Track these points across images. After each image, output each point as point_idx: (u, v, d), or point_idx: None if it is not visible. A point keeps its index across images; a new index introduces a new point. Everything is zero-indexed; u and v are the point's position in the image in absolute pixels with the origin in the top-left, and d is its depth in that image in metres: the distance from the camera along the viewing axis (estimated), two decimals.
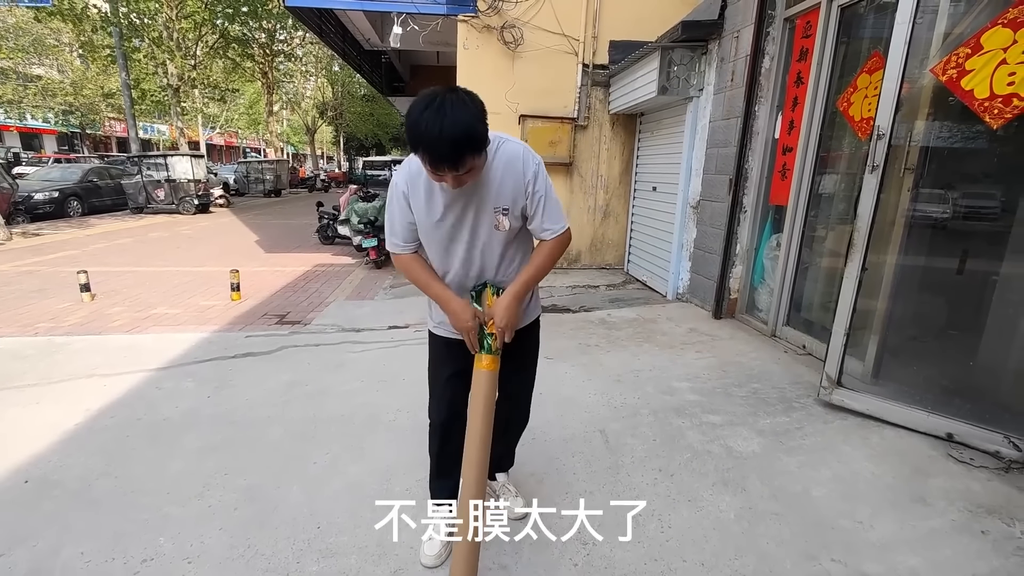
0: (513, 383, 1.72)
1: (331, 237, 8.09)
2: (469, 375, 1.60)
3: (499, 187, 1.39)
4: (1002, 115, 2.19)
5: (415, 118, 1.17)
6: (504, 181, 1.39)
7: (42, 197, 11.37)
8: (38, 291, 5.11)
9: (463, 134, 1.16)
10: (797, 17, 3.63)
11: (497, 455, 1.81)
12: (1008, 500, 2.00)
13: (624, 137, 6.43)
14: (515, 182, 1.39)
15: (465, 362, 1.59)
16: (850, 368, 2.76)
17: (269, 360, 3.37)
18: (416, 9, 6.33)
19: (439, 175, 1.25)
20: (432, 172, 1.25)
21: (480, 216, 1.41)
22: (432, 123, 1.14)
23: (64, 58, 19.82)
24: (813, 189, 3.57)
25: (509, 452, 1.95)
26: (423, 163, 1.25)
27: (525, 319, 1.61)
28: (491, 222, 1.42)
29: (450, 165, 1.19)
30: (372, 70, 11.10)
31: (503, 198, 1.39)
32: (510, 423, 1.84)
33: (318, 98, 29.84)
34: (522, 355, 1.69)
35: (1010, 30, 2.13)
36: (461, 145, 1.17)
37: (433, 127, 1.14)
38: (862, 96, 3.03)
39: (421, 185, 1.40)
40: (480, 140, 1.22)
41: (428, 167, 1.24)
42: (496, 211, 1.40)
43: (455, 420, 1.67)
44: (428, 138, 1.16)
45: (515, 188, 1.40)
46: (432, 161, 1.20)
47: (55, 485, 2.06)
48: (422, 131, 1.16)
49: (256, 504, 1.96)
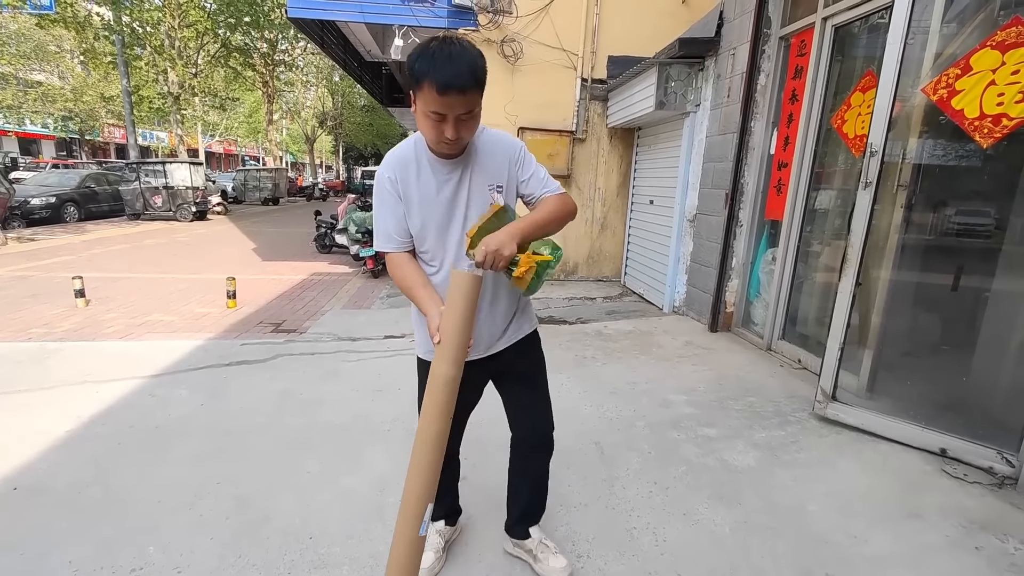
0: (524, 396, 1.60)
1: (328, 246, 8.09)
2: (464, 404, 1.55)
3: (491, 164, 1.37)
4: (992, 134, 2.23)
5: (420, 51, 1.17)
6: (495, 158, 1.37)
7: (39, 202, 11.35)
8: (32, 296, 5.08)
9: (472, 60, 1.17)
10: (792, 36, 3.71)
11: (522, 499, 1.68)
12: (1002, 516, 2.01)
13: (622, 151, 6.49)
14: (505, 158, 1.38)
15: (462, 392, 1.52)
16: (845, 382, 2.77)
17: (264, 368, 3.35)
18: (418, 23, 6.40)
19: (442, 112, 1.17)
20: (437, 104, 1.16)
21: (473, 195, 1.36)
22: (440, 51, 1.15)
23: (65, 64, 19.90)
24: (808, 204, 3.61)
25: (539, 494, 1.70)
26: (427, 97, 1.17)
27: (517, 333, 1.53)
28: (485, 200, 1.37)
29: (459, 88, 1.14)
30: (373, 81, 11.18)
31: (496, 175, 1.37)
32: (530, 444, 1.64)
33: (318, 108, 30.02)
34: (525, 366, 1.58)
35: (998, 52, 2.18)
36: (472, 67, 1.16)
37: (442, 53, 1.14)
38: (856, 114, 3.08)
39: (411, 169, 1.35)
40: (482, 77, 1.20)
41: (435, 94, 1.15)
42: (490, 189, 1.37)
43: (451, 444, 1.62)
44: (438, 61, 1.13)
45: (506, 164, 1.38)
46: (441, 85, 1.13)
47: (44, 492, 2.04)
48: (430, 57, 1.14)
49: (248, 513, 1.94)
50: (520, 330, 1.54)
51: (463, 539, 1.84)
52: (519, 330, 1.54)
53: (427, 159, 1.34)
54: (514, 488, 1.71)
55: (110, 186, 13.42)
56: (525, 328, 1.56)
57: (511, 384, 1.59)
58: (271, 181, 19.81)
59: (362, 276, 6.65)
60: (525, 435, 1.63)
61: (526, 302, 1.57)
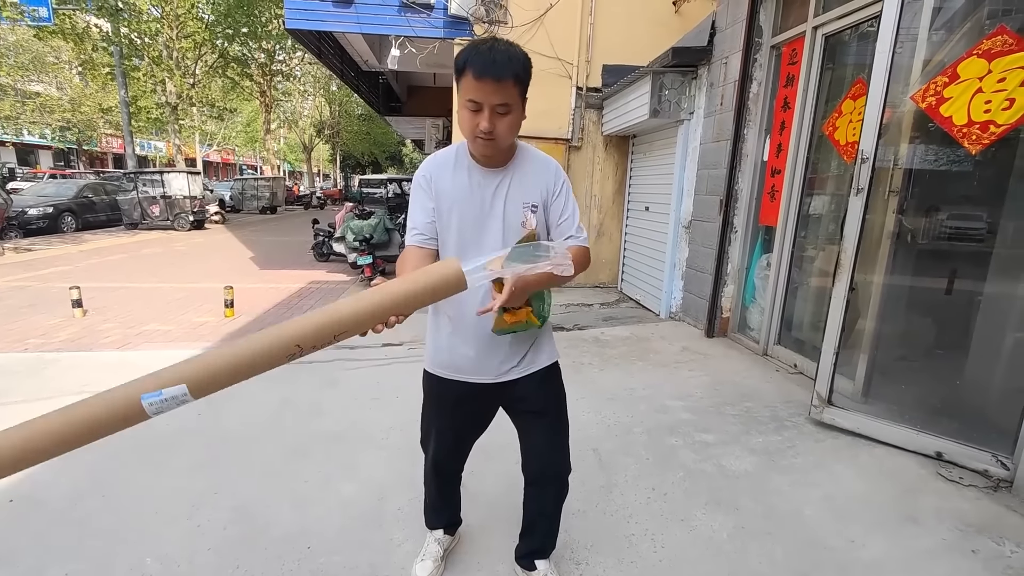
0: (537, 433, 1.53)
1: (326, 254, 8.11)
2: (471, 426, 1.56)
3: (530, 182, 1.36)
4: (980, 141, 2.27)
5: (468, 46, 1.22)
6: (536, 176, 1.36)
7: (36, 212, 11.35)
8: (29, 306, 5.07)
9: (513, 54, 1.21)
10: (783, 45, 3.76)
11: (534, 533, 1.63)
12: (997, 519, 2.02)
13: (617, 158, 6.55)
14: (546, 180, 1.37)
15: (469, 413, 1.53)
16: (840, 387, 2.79)
17: (261, 377, 3.31)
18: (414, 33, 6.47)
19: (478, 100, 1.19)
20: (473, 90, 1.18)
21: (508, 207, 1.34)
22: (484, 43, 1.20)
23: (63, 75, 19.98)
24: (802, 210, 3.65)
25: (550, 530, 1.64)
26: (466, 85, 1.20)
27: (533, 364, 1.46)
28: (519, 216, 1.34)
29: (495, 75, 1.16)
30: (370, 90, 11.26)
31: (533, 194, 1.35)
32: (541, 484, 1.57)
33: (315, 117, 30.16)
34: (542, 400, 1.50)
35: (985, 60, 2.22)
36: (511, 59, 1.19)
37: (485, 46, 1.19)
38: (847, 121, 3.12)
39: (448, 168, 1.35)
40: (521, 72, 1.22)
41: (472, 80, 1.17)
42: (524, 207, 1.35)
43: (455, 462, 1.64)
44: (481, 52, 1.18)
45: (545, 188, 1.37)
46: (478, 70, 1.16)
47: (40, 504, 2.03)
48: (474, 48, 1.19)
49: (246, 523, 1.94)
50: (536, 361, 1.47)
51: (461, 548, 1.84)
52: (534, 361, 1.46)
53: (467, 163, 1.34)
54: (529, 521, 1.65)
55: (108, 196, 13.44)
56: (542, 360, 1.48)
57: (526, 417, 1.53)
58: (269, 190, 19.85)
59: (360, 284, 6.66)
60: (534, 473, 1.57)
61: (548, 334, 1.51)
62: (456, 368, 1.44)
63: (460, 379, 1.44)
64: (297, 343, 0.98)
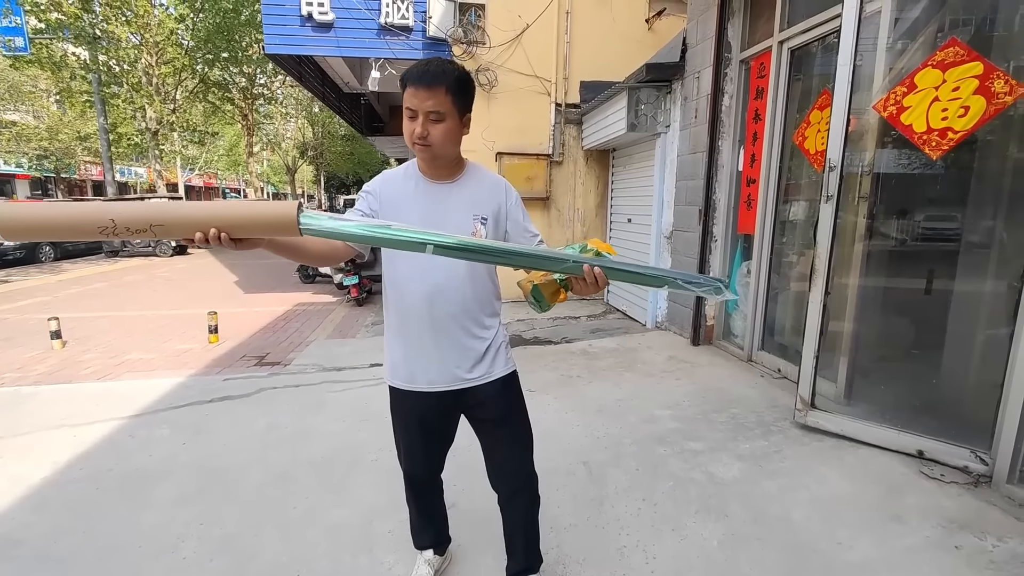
0: (496, 442, 1.54)
1: (312, 275, 8.07)
2: (436, 436, 1.56)
3: (480, 195, 1.40)
4: (940, 147, 2.36)
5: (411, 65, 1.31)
6: (485, 192, 1.41)
7: (12, 243, 11.13)
8: (5, 340, 4.96)
9: (446, 65, 1.29)
10: (752, 59, 3.89)
11: (516, 551, 1.61)
12: (979, 514, 2.06)
13: (598, 171, 6.65)
14: (496, 197, 1.42)
15: (430, 423, 1.52)
16: (823, 390, 2.83)
17: (247, 403, 3.31)
18: (393, 55, 6.57)
19: (412, 107, 1.27)
20: (409, 98, 1.27)
21: (456, 216, 1.37)
22: (424, 60, 1.30)
23: (40, 104, 19.77)
24: (778, 217, 3.74)
25: (529, 545, 1.62)
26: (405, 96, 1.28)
27: (489, 374, 1.47)
28: (467, 226, 1.36)
29: (427, 83, 1.24)
30: (351, 111, 11.32)
31: (483, 207, 1.40)
32: (509, 497, 1.59)
33: (298, 138, 30.13)
34: (501, 408, 1.51)
35: (939, 71, 2.33)
36: (443, 69, 1.27)
37: (424, 61, 1.29)
38: (815, 131, 3.22)
39: (394, 182, 1.40)
40: (452, 83, 1.27)
41: (409, 89, 1.26)
42: (476, 218, 1.38)
43: (428, 476, 1.64)
44: (419, 64, 1.27)
45: (496, 203, 1.41)
46: (413, 79, 1.25)
47: (18, 544, 1.98)
48: (415, 64, 1.28)
49: (233, 554, 1.91)
50: (492, 372, 1.47)
51: (453, 568, 1.83)
52: (491, 371, 1.47)
53: (416, 176, 1.40)
54: (509, 539, 1.63)
55: None
56: (498, 371, 1.48)
57: (486, 427, 1.54)
58: None
59: (346, 305, 6.63)
60: (502, 489, 1.59)
61: (504, 344, 1.52)
62: (412, 377, 1.45)
63: (418, 389, 1.46)
64: (112, 218, 1.00)
